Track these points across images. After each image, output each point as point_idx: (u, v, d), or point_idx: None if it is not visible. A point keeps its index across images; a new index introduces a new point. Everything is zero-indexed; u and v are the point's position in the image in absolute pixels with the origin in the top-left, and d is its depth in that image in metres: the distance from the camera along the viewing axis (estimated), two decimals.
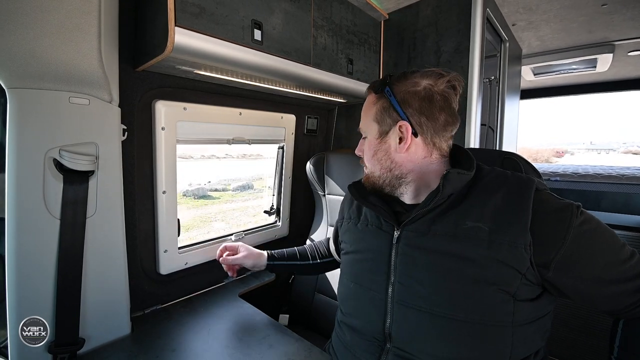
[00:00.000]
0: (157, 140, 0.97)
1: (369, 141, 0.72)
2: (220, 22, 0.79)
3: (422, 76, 0.66)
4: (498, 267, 0.55)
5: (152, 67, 0.85)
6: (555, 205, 0.56)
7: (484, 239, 0.56)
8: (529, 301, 0.57)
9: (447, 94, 0.65)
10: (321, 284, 1.33)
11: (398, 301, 0.64)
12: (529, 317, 0.57)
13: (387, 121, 0.68)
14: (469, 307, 0.56)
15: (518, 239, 0.54)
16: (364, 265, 0.73)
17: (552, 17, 1.57)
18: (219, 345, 0.84)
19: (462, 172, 0.62)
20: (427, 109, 0.64)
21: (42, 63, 0.66)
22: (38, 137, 0.69)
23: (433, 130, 0.65)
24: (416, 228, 0.65)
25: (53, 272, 0.73)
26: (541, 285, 0.58)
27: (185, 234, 1.14)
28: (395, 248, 0.67)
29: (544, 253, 0.54)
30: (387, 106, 0.67)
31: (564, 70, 2.35)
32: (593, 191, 2.21)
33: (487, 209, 0.58)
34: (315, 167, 1.40)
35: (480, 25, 1.12)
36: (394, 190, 0.72)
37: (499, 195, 0.59)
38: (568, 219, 0.54)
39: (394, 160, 0.68)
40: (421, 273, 0.62)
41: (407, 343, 0.63)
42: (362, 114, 0.75)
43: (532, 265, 0.55)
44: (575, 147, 16.55)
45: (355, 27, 1.24)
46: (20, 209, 0.68)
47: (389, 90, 0.67)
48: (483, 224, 0.57)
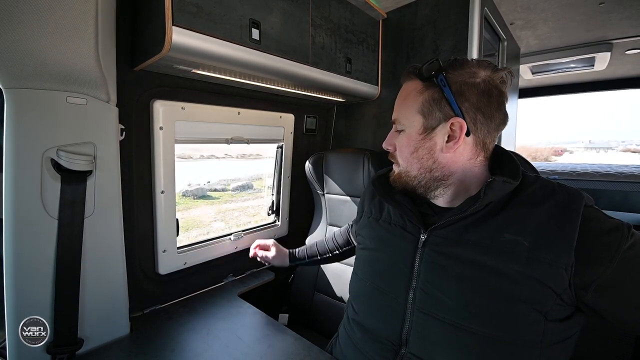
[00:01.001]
0: (155, 140, 0.97)
1: (409, 135, 0.63)
2: (218, 21, 0.79)
3: (479, 66, 0.58)
4: (534, 285, 0.50)
5: (150, 67, 0.85)
6: (606, 225, 0.51)
7: (523, 255, 0.51)
8: (559, 321, 0.53)
9: (503, 89, 0.59)
10: (321, 284, 1.33)
11: (419, 309, 0.60)
12: (557, 337, 0.53)
13: (437, 115, 0.59)
14: (498, 324, 0.52)
15: (560, 259, 0.50)
16: (383, 266, 0.69)
17: (550, 16, 1.57)
18: (219, 345, 0.84)
19: (508, 180, 0.55)
20: (485, 105, 0.57)
21: (40, 63, 0.66)
22: (35, 137, 0.69)
23: (487, 129, 0.59)
24: (446, 234, 0.60)
25: (51, 273, 0.72)
26: (574, 306, 0.53)
27: (185, 234, 1.13)
28: (420, 253, 0.62)
29: (585, 275, 0.49)
30: (439, 98, 0.59)
31: (562, 69, 2.35)
32: (591, 189, 2.23)
33: (529, 223, 0.53)
34: (314, 167, 1.40)
35: (478, 24, 1.12)
36: (428, 192, 0.65)
37: (544, 208, 0.53)
38: (618, 241, 0.49)
39: (438, 160, 0.61)
40: (448, 283, 0.57)
41: (424, 352, 0.59)
42: (399, 101, 0.66)
43: (570, 286, 0.50)
44: (574, 145, 16.58)
45: (353, 27, 1.24)
46: (18, 209, 0.68)
47: (443, 79, 0.58)
48: (523, 238, 0.52)
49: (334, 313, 1.26)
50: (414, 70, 0.63)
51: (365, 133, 1.51)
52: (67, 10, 0.66)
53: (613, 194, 2.34)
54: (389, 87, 1.39)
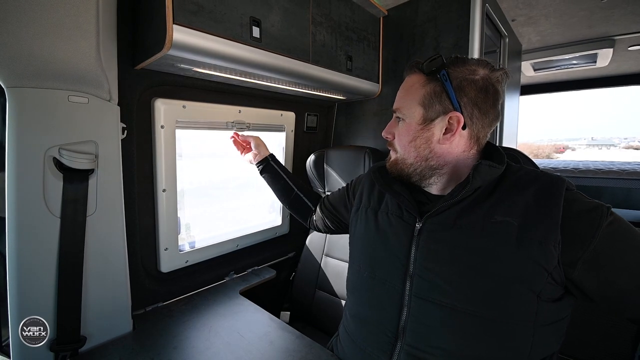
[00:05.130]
0: (157, 139, 0.97)
1: (408, 125, 0.66)
2: (219, 19, 0.79)
3: (478, 64, 0.62)
4: (526, 264, 0.53)
5: (151, 65, 0.85)
6: (586, 205, 0.54)
7: (513, 234, 0.55)
8: (552, 302, 0.55)
9: (499, 88, 0.62)
10: (322, 281, 1.34)
11: (416, 295, 0.62)
12: (549, 318, 0.56)
13: (436, 108, 0.62)
14: (493, 304, 0.55)
15: (549, 236, 0.53)
16: (380, 255, 0.71)
17: (551, 12, 1.56)
18: (220, 342, 0.84)
19: (494, 165, 0.59)
20: (481, 101, 0.61)
21: (41, 62, 0.66)
22: (38, 136, 0.69)
23: (481, 124, 0.62)
24: (440, 221, 0.63)
25: (54, 271, 0.73)
26: (564, 286, 0.56)
27: (185, 232, 1.14)
28: (416, 240, 0.65)
29: (571, 251, 0.53)
30: (440, 91, 0.62)
31: (564, 66, 2.34)
32: (593, 186, 2.22)
33: (516, 205, 0.57)
34: (315, 164, 1.40)
35: (479, 20, 1.12)
36: (422, 180, 0.68)
37: (530, 192, 0.57)
38: (598, 218, 0.52)
39: (433, 150, 0.64)
40: (444, 267, 0.60)
41: (422, 339, 0.61)
42: (401, 92, 0.69)
43: (559, 263, 0.53)
44: (576, 143, 16.48)
45: (354, 24, 1.23)
46: (21, 208, 0.69)
47: (445, 74, 0.61)
48: (512, 219, 0.56)
49: (335, 311, 1.26)
50: (417, 65, 0.66)
51: (366, 131, 1.50)
52: (68, 9, 0.66)
53: (615, 191, 2.33)
54: (390, 84, 1.39)
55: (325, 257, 1.36)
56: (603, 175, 2.19)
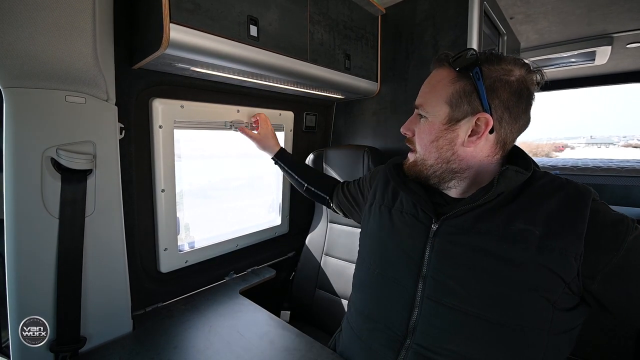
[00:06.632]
0: (155, 139, 0.97)
1: (432, 124, 0.62)
2: (216, 18, 0.78)
3: (515, 63, 0.57)
4: (544, 273, 0.52)
5: (148, 65, 0.85)
6: (612, 218, 0.52)
7: (534, 243, 0.53)
8: (566, 311, 0.54)
9: (533, 91, 0.58)
10: (322, 281, 1.34)
11: (429, 296, 0.60)
12: (563, 327, 0.54)
13: (464, 108, 0.58)
14: (508, 310, 0.53)
15: (570, 248, 0.51)
16: (392, 254, 0.69)
17: (550, 10, 1.56)
18: (221, 342, 0.84)
19: (520, 170, 0.56)
20: (514, 105, 0.57)
21: (38, 62, 0.66)
22: (35, 136, 0.69)
23: (510, 129, 0.59)
24: (458, 224, 0.60)
25: (53, 272, 0.73)
26: (580, 297, 0.54)
27: (185, 232, 1.14)
28: (431, 242, 0.63)
29: (593, 264, 0.51)
30: (470, 91, 0.57)
31: (562, 64, 2.34)
32: (593, 184, 2.22)
33: (539, 213, 0.54)
34: (314, 164, 1.40)
35: (477, 18, 1.11)
36: (441, 183, 0.65)
37: (554, 200, 0.55)
38: (624, 232, 0.51)
39: (456, 152, 0.61)
40: (460, 271, 0.58)
41: (432, 340, 0.59)
42: (426, 87, 0.65)
43: (579, 275, 0.52)
44: (575, 141, 16.49)
45: (352, 22, 1.23)
46: (19, 209, 0.68)
47: (478, 73, 0.56)
48: (534, 227, 0.53)
49: (335, 310, 1.26)
50: (447, 58, 0.61)
51: (365, 130, 1.50)
52: (65, 9, 0.66)
53: (615, 188, 2.33)
54: (389, 83, 1.39)
55: (325, 256, 1.36)
56: (602, 173, 2.20)
